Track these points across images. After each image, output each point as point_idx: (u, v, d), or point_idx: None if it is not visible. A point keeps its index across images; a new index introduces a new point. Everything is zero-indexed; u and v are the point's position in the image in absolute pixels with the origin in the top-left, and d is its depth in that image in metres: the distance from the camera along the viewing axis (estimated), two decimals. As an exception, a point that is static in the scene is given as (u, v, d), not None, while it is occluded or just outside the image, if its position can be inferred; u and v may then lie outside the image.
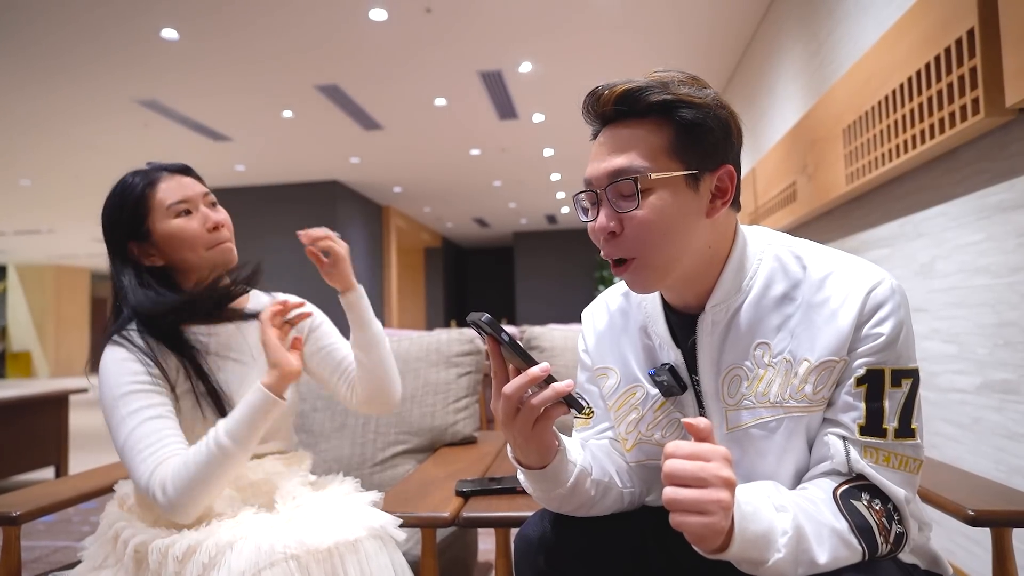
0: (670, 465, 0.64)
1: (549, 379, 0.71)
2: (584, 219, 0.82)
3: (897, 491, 0.71)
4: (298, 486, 1.09)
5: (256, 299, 1.24)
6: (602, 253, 0.81)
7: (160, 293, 1.08)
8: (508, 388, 0.71)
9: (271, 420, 1.03)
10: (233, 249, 1.15)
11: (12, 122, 5.78)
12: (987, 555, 1.80)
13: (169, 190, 1.10)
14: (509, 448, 0.82)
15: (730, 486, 0.63)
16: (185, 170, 1.16)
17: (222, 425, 1.00)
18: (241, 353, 1.16)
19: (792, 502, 0.69)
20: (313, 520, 0.97)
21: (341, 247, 1.17)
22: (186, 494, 0.94)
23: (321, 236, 1.15)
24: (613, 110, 0.78)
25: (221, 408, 1.09)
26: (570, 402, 0.72)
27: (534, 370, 0.70)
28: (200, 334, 1.12)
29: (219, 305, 1.13)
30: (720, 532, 0.63)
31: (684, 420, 0.66)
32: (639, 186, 0.75)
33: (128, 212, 1.09)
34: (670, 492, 0.63)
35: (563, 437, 0.84)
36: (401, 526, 1.04)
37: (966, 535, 1.91)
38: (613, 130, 0.79)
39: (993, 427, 1.79)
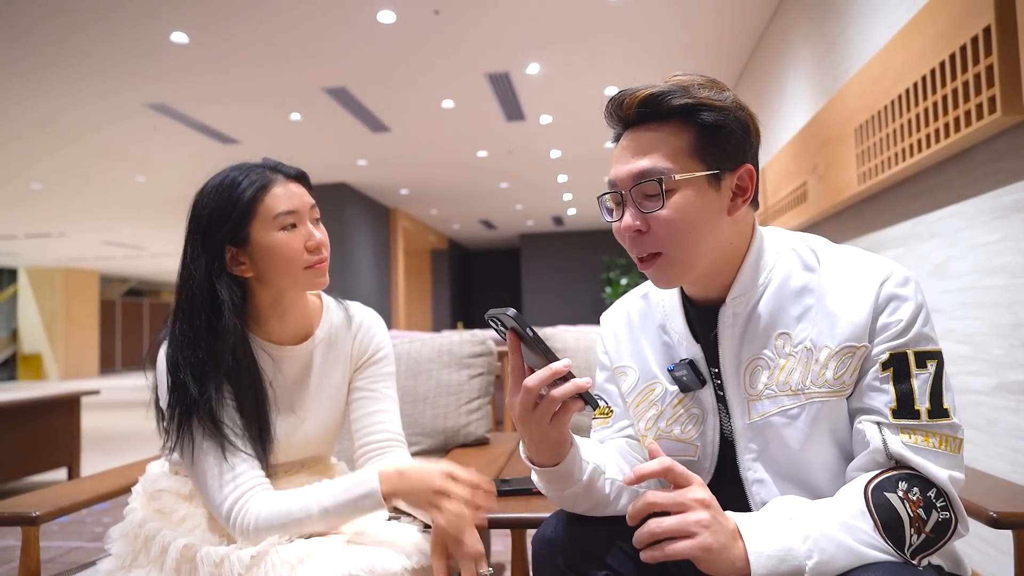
0: (652, 496, 0.70)
1: (568, 375, 0.73)
2: (609, 219, 0.84)
3: (940, 473, 0.70)
4: None
5: (329, 313, 1.15)
6: (628, 251, 0.83)
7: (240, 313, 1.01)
8: (530, 381, 0.73)
9: (364, 515, 0.96)
10: (327, 273, 1.05)
11: (23, 126, 5.82)
12: (1001, 556, 1.78)
13: (279, 198, 1.01)
14: (522, 447, 0.84)
15: (706, 505, 0.69)
16: (299, 177, 1.06)
17: (323, 499, 0.94)
18: (303, 374, 1.10)
19: (808, 507, 0.71)
20: (379, 543, 0.95)
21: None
22: (266, 535, 0.92)
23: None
24: (636, 114, 0.79)
25: (263, 439, 1.01)
26: (587, 399, 0.74)
27: (557, 365, 0.72)
28: (270, 349, 1.06)
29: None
30: (709, 549, 0.67)
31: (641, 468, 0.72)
32: (664, 186, 0.77)
33: (236, 216, 0.99)
34: (652, 524, 0.68)
35: (577, 438, 0.85)
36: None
37: (980, 536, 1.89)
38: (636, 133, 0.80)
39: (1010, 428, 1.77)
